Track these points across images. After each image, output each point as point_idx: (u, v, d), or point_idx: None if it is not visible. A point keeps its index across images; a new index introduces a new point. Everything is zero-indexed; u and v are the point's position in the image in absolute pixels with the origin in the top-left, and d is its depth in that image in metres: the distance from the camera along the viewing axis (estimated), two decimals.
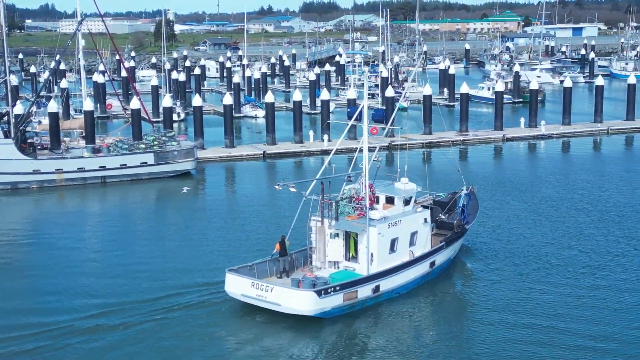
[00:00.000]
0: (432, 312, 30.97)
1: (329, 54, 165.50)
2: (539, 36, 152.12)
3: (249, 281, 29.95)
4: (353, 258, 31.93)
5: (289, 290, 29.41)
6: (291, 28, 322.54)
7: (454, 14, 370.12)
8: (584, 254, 37.40)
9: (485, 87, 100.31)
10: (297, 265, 32.66)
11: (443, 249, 34.35)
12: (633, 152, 68.32)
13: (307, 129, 73.34)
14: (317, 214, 32.14)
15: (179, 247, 39.34)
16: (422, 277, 33.00)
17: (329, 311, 29.17)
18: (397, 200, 33.16)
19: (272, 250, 32.68)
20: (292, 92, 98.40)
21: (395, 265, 31.71)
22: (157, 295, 31.99)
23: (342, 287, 29.52)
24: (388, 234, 31.79)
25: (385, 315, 30.04)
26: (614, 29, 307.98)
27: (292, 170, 61.07)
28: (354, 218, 32.15)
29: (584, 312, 30.12)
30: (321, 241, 31.98)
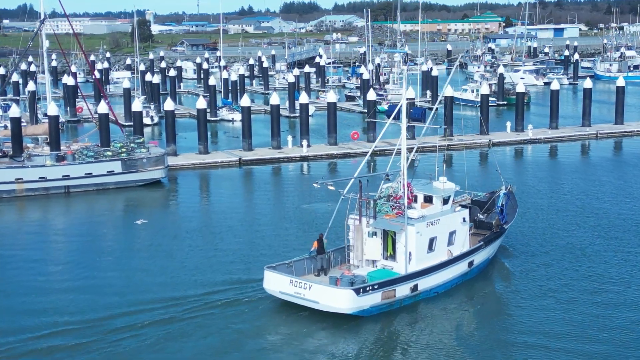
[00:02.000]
0: (471, 312, 30.59)
1: (309, 55, 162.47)
2: (521, 37, 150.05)
3: (287, 279, 30.12)
4: (391, 257, 31.93)
5: (328, 288, 29.41)
6: (271, 29, 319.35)
7: (435, 15, 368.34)
8: (627, 254, 36.83)
9: (469, 90, 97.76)
10: (335, 263, 32.72)
11: (482, 249, 34.13)
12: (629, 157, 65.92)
13: (285, 134, 70.35)
14: (355, 212, 32.18)
15: (154, 265, 36.26)
16: (460, 276, 32.88)
17: (367, 310, 29.22)
18: (436, 199, 33.13)
19: (309, 248, 32.70)
20: (271, 95, 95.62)
21: (434, 265, 31.65)
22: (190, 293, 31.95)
23: (381, 285, 29.61)
24: (426, 233, 31.76)
25: (424, 315, 29.93)
26: (594, 29, 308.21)
27: (270, 178, 58.02)
28: (392, 217, 32.12)
29: (626, 313, 29.57)
30: (359, 239, 32.06)
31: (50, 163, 51.87)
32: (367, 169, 33.63)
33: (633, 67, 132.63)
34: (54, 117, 56.88)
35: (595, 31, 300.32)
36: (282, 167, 61.37)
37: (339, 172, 57.47)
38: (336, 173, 56.06)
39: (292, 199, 49.62)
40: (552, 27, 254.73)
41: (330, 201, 47.26)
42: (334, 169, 60.65)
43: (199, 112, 63.80)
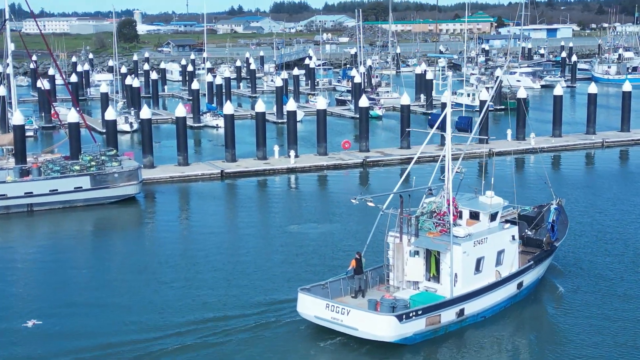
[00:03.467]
0: (522, 339, 28.39)
1: (298, 56, 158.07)
2: (517, 38, 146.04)
3: (323, 302, 27.89)
4: (434, 278, 29.50)
5: (368, 313, 27.17)
6: (261, 29, 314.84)
7: (426, 15, 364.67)
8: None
9: (465, 93, 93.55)
10: (372, 283, 30.45)
11: (531, 269, 31.62)
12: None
13: (273, 142, 65.93)
14: (395, 229, 29.90)
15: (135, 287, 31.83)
16: (509, 299, 30.50)
17: (410, 337, 27.15)
18: (483, 216, 30.54)
19: (346, 267, 30.44)
20: (259, 98, 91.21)
21: (481, 287, 29.30)
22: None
23: (425, 311, 27.41)
24: (473, 253, 29.30)
25: (471, 342, 27.73)
26: (587, 30, 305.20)
27: (254, 193, 53.59)
28: (436, 235, 29.64)
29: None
30: (399, 259, 29.81)
31: (11, 179, 47.15)
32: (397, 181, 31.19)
33: (632, 69, 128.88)
34: (19, 126, 52.35)
35: (587, 31, 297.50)
36: (267, 180, 56.91)
37: (371, 186, 52.92)
38: (369, 186, 52.08)
39: (279, 219, 45.19)
40: (545, 28, 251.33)
41: (322, 222, 43.33)
42: (325, 181, 56.35)
43: (178, 120, 59.24)
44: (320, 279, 31.38)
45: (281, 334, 28.21)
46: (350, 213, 45.74)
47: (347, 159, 61.27)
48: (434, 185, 31.65)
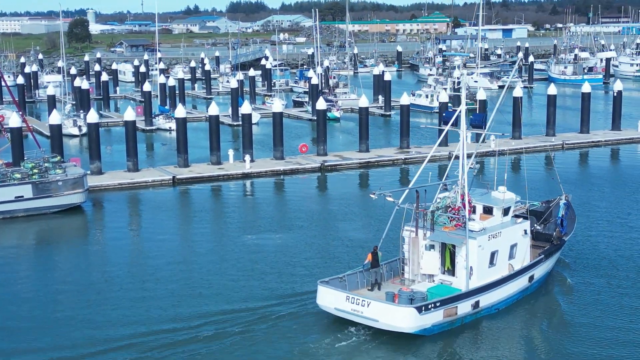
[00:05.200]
0: (534, 329, 29.31)
1: (255, 56, 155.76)
2: (474, 38, 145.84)
3: (343, 294, 28.56)
4: (448, 271, 30.31)
5: (388, 305, 27.84)
6: (217, 28, 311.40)
7: (382, 15, 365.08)
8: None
9: (423, 95, 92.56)
10: (387, 277, 31.15)
11: (542, 262, 32.50)
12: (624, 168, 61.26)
13: (228, 145, 63.83)
14: (411, 224, 30.61)
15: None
16: (521, 291, 31.39)
17: (429, 328, 27.87)
18: (496, 211, 31.41)
19: (363, 261, 31.09)
20: (214, 100, 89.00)
21: (495, 280, 30.16)
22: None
23: (443, 302, 28.17)
24: (488, 247, 30.18)
25: (486, 333, 28.52)
26: (541, 30, 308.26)
27: (207, 200, 51.44)
28: (451, 229, 30.40)
29: None
30: (415, 253, 30.55)
31: None
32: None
33: (588, 70, 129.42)
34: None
35: (542, 32, 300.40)
36: (222, 186, 54.76)
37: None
38: (388, 182, 52.84)
39: (234, 228, 43.14)
40: (501, 28, 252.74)
41: (279, 232, 41.50)
42: (282, 187, 54.48)
43: (128, 124, 56.73)
44: (279, 294, 31.51)
45: (300, 325, 28.69)
46: (309, 221, 44.07)
47: (304, 163, 59.42)
48: (449, 180, 32.36)
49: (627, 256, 36.87)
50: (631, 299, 31.47)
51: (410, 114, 66.12)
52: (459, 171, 31.11)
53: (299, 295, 31.95)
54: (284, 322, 29.15)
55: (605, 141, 68.49)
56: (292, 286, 33.25)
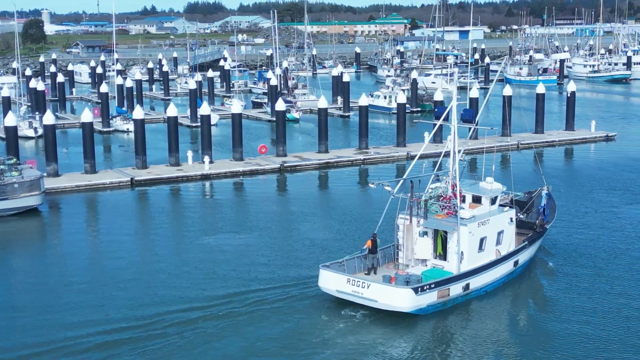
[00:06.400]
0: (519, 309, 31.75)
1: (213, 57, 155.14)
2: (432, 39, 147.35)
3: (344, 277, 30.61)
4: (440, 256, 32.44)
5: (387, 287, 29.89)
6: (175, 29, 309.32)
7: (340, 16, 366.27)
8: None
9: (382, 96, 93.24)
10: (382, 262, 33.10)
11: (526, 248, 34.93)
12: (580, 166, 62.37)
13: (187, 147, 63.59)
14: (405, 212, 32.62)
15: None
16: (507, 275, 33.65)
17: (424, 308, 29.92)
18: (484, 200, 33.71)
19: (362, 247, 33.17)
20: (172, 101, 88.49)
21: (484, 264, 32.34)
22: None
23: (437, 284, 30.27)
24: (478, 233, 32.39)
25: (475, 313, 30.74)
26: (497, 31, 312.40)
27: (167, 201, 51.22)
28: (443, 217, 32.59)
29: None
30: (409, 239, 32.57)
31: None
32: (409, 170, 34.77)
33: (542, 71, 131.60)
34: None
35: (498, 33, 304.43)
36: (181, 187, 54.57)
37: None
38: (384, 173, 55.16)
39: (194, 230, 43.01)
40: (458, 30, 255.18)
41: (239, 232, 41.56)
42: (241, 188, 54.50)
43: (85, 125, 56.21)
44: (236, 293, 32.37)
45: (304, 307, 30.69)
46: (269, 222, 44.19)
47: (264, 164, 59.50)
48: (441, 172, 34.60)
49: (600, 245, 38.91)
50: (605, 281, 33.97)
51: (368, 115, 66.62)
52: (449, 163, 33.23)
53: (255, 292, 32.40)
54: (290, 303, 31.00)
55: (560, 141, 69.87)
56: (250, 284, 33.46)
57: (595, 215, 44.76)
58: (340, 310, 30.38)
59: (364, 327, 29.20)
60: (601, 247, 38.60)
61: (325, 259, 35.56)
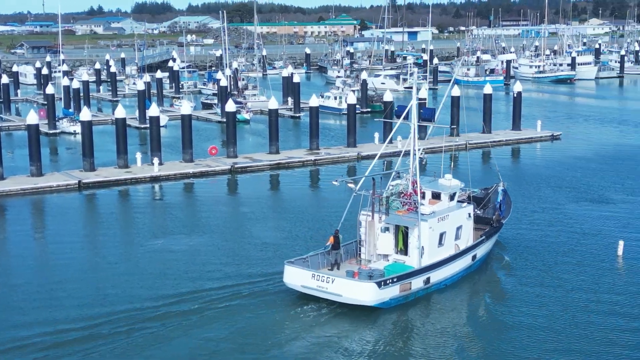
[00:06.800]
0: (478, 301, 32.67)
1: (162, 58, 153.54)
2: (381, 40, 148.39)
3: (309, 273, 31.18)
4: (401, 251, 33.18)
5: (352, 281, 30.59)
6: (122, 29, 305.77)
7: (290, 17, 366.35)
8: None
9: (332, 96, 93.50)
10: (344, 258, 33.75)
11: (483, 243, 35.89)
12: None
13: (135, 149, 62.80)
14: (367, 208, 33.39)
15: None
16: (465, 269, 34.57)
17: (387, 302, 30.65)
18: (444, 196, 34.49)
19: (324, 243, 33.87)
20: (120, 102, 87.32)
21: (443, 258, 33.16)
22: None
23: (399, 278, 31.04)
24: (437, 228, 33.19)
25: (436, 306, 31.68)
26: (445, 32, 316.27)
27: (115, 204, 50.50)
28: (404, 213, 33.29)
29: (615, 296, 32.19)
30: (371, 235, 33.30)
31: None
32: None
33: (489, 71, 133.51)
34: None
35: (446, 34, 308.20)
36: (129, 189, 53.89)
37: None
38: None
39: (143, 233, 42.52)
40: (406, 31, 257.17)
41: (192, 235, 41.20)
42: (191, 190, 54.06)
43: (30, 127, 55.10)
44: (186, 293, 32.45)
45: (268, 303, 31.41)
46: (220, 224, 43.96)
47: (214, 165, 59.13)
48: (401, 169, 35.50)
49: (549, 242, 39.90)
50: (557, 272, 35.37)
51: (319, 116, 66.73)
52: (409, 161, 34.27)
53: (204, 291, 32.60)
54: (255, 299, 31.55)
55: (507, 140, 70.98)
56: (201, 284, 33.41)
57: (543, 213, 45.60)
58: (305, 305, 30.92)
59: (329, 321, 29.80)
60: (550, 244, 39.43)
61: (278, 259, 35.67)
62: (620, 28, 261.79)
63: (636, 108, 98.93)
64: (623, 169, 58.64)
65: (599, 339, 28.14)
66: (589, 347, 27.57)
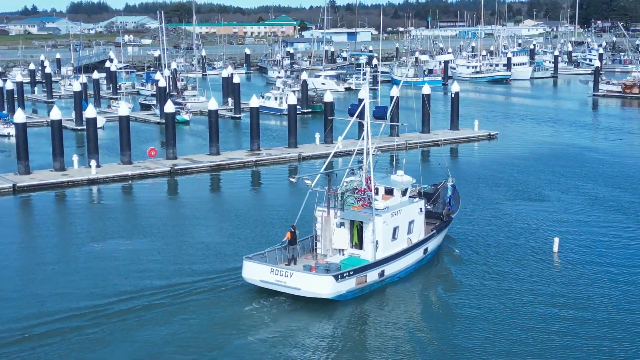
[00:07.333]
0: (430, 293, 33.84)
1: (98, 58, 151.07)
2: (321, 41, 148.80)
3: (268, 268, 31.89)
4: (356, 245, 34.04)
5: (310, 275, 31.42)
6: (57, 30, 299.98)
7: (229, 17, 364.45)
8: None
9: (272, 97, 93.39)
10: (300, 253, 34.45)
11: (434, 236, 37.11)
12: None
13: (72, 151, 61.58)
14: (323, 204, 34.15)
15: None
16: (418, 262, 35.65)
17: (344, 294, 31.52)
18: (396, 192, 35.51)
19: (282, 239, 34.47)
20: (55, 104, 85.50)
21: (397, 252, 34.15)
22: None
23: (355, 272, 31.92)
24: (391, 223, 34.13)
25: (390, 297, 32.71)
26: (384, 33, 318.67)
27: (52, 208, 49.41)
28: (359, 208, 34.15)
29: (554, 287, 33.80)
30: (327, 230, 34.10)
31: None
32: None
33: (428, 72, 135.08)
34: None
35: (385, 35, 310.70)
36: (66, 192, 52.79)
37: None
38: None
39: (81, 236, 41.67)
40: (346, 31, 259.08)
41: (131, 238, 40.58)
42: (130, 192, 53.26)
43: None
44: (126, 292, 32.45)
45: (227, 298, 31.97)
46: (160, 226, 43.44)
47: (153, 167, 58.39)
48: (356, 166, 36.48)
49: (490, 239, 40.78)
50: (503, 263, 36.81)
51: (259, 116, 66.52)
52: (363, 157, 35.23)
53: (149, 291, 32.41)
54: (214, 294, 32.24)
55: (445, 140, 71.96)
56: (142, 283, 33.21)
57: (482, 212, 46.27)
58: (263, 299, 31.60)
59: (288, 314, 30.52)
60: (491, 242, 40.11)
61: (220, 261, 35.82)
62: (553, 29, 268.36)
63: (570, 107, 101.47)
64: (558, 168, 60.03)
65: (538, 328, 29.33)
66: (530, 334, 28.73)
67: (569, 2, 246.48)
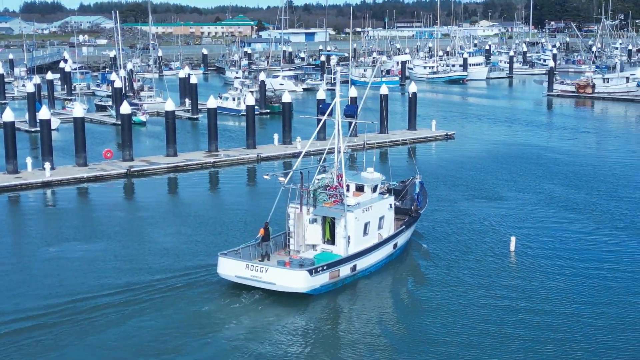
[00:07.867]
0: (400, 286, 34.72)
1: (52, 59, 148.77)
2: (278, 41, 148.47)
3: (243, 263, 32.47)
4: (329, 241, 34.88)
5: (284, 270, 32.28)
6: (10, 30, 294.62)
7: (186, 17, 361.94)
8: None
9: (230, 97, 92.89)
10: (274, 249, 35.16)
11: (403, 232, 38.17)
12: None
13: (25, 153, 60.42)
14: (295, 201, 34.96)
15: None
16: (388, 256, 36.65)
17: (317, 288, 32.32)
18: (367, 188, 36.35)
19: (256, 235, 35.17)
20: (8, 105, 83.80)
21: (368, 247, 35.10)
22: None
23: (328, 266, 32.80)
24: (362, 219, 35.05)
25: (362, 291, 33.67)
26: (342, 34, 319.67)
27: (5, 211, 48.39)
28: (331, 204, 34.94)
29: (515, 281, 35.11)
30: (300, 226, 34.75)
31: None
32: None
33: (386, 72, 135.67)
34: None
35: (343, 35, 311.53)
36: (20, 195, 51.75)
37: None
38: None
39: (37, 240, 40.90)
40: (304, 32, 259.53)
41: (87, 242, 39.97)
42: (86, 194, 52.46)
43: None
44: (86, 294, 32.35)
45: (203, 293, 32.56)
46: (117, 229, 42.84)
47: (109, 169, 57.57)
48: (327, 163, 37.30)
49: (451, 240, 41.11)
50: (470, 256, 38.09)
51: (217, 117, 66.07)
52: (334, 155, 35.91)
53: (106, 291, 32.26)
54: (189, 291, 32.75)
55: (403, 140, 72.33)
56: (102, 284, 32.72)
57: (441, 212, 46.52)
58: (238, 294, 32.11)
59: (263, 308, 31.14)
60: (453, 242, 40.65)
61: (179, 261, 35.67)
62: (508, 30, 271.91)
63: (525, 107, 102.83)
64: (514, 167, 60.74)
65: (497, 320, 30.54)
66: (491, 326, 29.91)
67: (523, 3, 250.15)
